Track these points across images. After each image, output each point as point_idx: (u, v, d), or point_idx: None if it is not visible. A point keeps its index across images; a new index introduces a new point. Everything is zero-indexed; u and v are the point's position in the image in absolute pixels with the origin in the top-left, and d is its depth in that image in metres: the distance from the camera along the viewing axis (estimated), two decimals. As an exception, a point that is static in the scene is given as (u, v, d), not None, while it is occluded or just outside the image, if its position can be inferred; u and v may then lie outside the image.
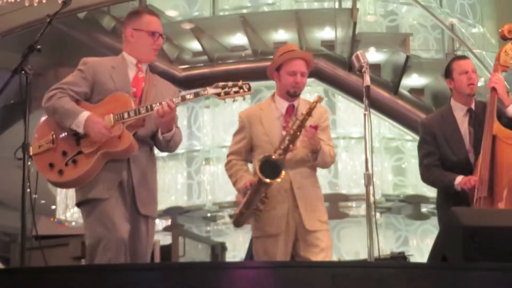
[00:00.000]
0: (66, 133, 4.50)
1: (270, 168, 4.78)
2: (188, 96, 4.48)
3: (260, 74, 11.36)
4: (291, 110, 5.14)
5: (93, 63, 4.66)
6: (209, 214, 13.00)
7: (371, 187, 4.31)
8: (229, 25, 11.56)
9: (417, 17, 12.86)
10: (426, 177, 5.49)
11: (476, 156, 5.26)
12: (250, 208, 4.93)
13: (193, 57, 11.69)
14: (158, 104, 4.40)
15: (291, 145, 4.82)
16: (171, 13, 12.15)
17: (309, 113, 4.80)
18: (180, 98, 4.49)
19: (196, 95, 4.43)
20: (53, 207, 14.92)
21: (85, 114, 4.40)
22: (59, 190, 13.68)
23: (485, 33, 13.41)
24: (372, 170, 4.32)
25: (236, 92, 4.45)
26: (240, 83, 4.46)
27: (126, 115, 4.39)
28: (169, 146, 4.64)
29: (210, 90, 4.43)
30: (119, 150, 4.41)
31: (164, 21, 11.66)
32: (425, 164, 5.45)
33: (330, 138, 5.18)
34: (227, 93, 4.44)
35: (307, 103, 5.05)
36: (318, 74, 10.99)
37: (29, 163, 4.36)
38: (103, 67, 4.64)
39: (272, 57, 5.30)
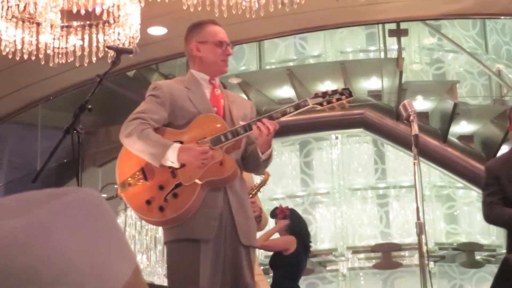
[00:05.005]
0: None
1: None
2: (289, 110, 4.05)
3: (308, 126, 11.44)
4: None
5: (167, 87, 4.22)
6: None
7: (423, 236, 4.25)
8: (275, 78, 11.64)
9: (463, 64, 12.82)
10: (488, 215, 5.46)
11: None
12: None
13: (241, 111, 11.76)
14: (254, 122, 4.00)
15: None
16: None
17: None
18: (280, 112, 4.05)
19: (297, 107, 4.05)
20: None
21: (175, 146, 3.93)
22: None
23: (533, 77, 13.30)
24: (424, 218, 4.27)
25: (338, 100, 4.09)
26: (339, 89, 4.15)
27: (223, 138, 3.99)
28: (267, 164, 4.20)
29: (311, 101, 4.08)
30: (224, 177, 3.98)
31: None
32: (489, 202, 5.43)
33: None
34: (329, 102, 4.10)
35: None
36: (366, 124, 10.98)
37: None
38: (178, 89, 4.21)
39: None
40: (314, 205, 12.74)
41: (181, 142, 4.02)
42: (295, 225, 7.18)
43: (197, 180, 3.95)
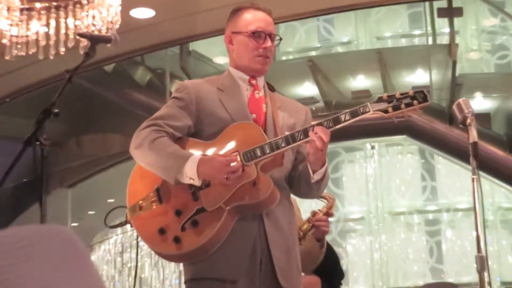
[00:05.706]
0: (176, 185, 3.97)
1: None
2: (343, 117, 3.96)
3: (336, 133, 11.38)
4: None
5: (194, 87, 4.21)
6: None
7: (486, 273, 4.26)
8: (294, 71, 11.68)
9: (534, 51, 12.83)
10: None
11: None
12: None
13: (250, 114, 11.80)
14: (299, 132, 3.96)
15: None
16: (220, 60, 12.30)
17: None
18: (332, 120, 3.99)
19: (354, 114, 3.94)
20: None
21: (194, 158, 3.87)
22: None
23: None
24: (486, 250, 4.28)
25: (408, 105, 3.97)
26: (411, 92, 4.00)
27: (259, 152, 3.91)
28: (320, 187, 4.13)
29: (373, 106, 3.94)
30: (257, 202, 3.91)
31: (212, 70, 11.85)
32: None
33: None
34: (396, 108, 3.95)
35: None
36: (410, 130, 10.98)
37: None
38: (208, 90, 4.20)
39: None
40: (344, 234, 12.76)
41: None
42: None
43: (222, 205, 3.89)
